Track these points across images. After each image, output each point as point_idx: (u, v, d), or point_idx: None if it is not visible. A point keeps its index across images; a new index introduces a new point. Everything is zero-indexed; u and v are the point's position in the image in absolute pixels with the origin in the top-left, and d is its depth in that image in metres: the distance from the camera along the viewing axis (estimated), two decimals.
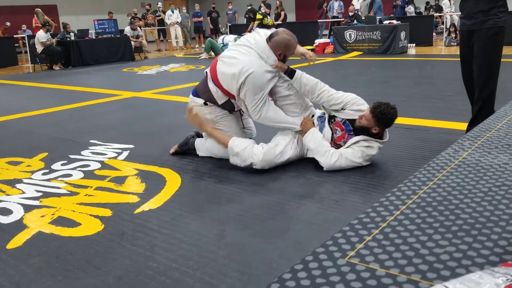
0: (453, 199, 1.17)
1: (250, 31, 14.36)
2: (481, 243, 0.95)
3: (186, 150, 3.31)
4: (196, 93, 3.06)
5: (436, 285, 0.69)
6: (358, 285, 0.80)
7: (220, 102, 2.96)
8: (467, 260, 0.89)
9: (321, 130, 2.97)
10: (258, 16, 12.29)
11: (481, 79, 3.11)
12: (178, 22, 15.35)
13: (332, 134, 2.95)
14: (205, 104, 2.98)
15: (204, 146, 3.21)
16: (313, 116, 3.07)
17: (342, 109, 2.93)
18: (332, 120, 2.98)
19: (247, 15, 13.71)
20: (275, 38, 2.87)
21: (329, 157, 2.80)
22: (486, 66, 3.08)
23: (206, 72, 3.04)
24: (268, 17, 12.55)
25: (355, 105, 2.91)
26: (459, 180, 1.29)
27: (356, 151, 2.81)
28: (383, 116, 2.71)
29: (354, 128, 2.86)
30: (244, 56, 2.85)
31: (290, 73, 2.92)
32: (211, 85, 2.94)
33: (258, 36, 2.95)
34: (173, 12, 15.43)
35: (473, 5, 3.07)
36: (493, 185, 1.26)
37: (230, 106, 3.02)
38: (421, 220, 1.05)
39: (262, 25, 11.90)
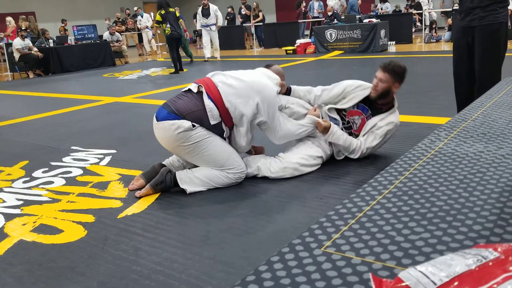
0: (428, 187, 1.19)
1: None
2: (456, 228, 0.97)
3: (162, 190, 2.66)
4: (175, 115, 2.59)
5: (408, 268, 0.70)
6: (334, 273, 0.81)
7: (212, 123, 2.61)
8: (442, 246, 0.90)
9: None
10: (158, 18, 9.36)
11: (484, 76, 3.05)
12: (148, 26, 15.15)
13: (351, 126, 2.94)
14: (193, 126, 2.57)
15: (196, 177, 2.64)
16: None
17: (343, 98, 2.92)
18: (344, 112, 2.94)
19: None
20: (273, 67, 2.96)
21: (356, 153, 2.87)
22: (488, 63, 3.03)
23: (190, 89, 2.70)
24: (167, 25, 9.26)
25: (354, 87, 2.92)
26: (435, 169, 1.31)
27: (375, 135, 2.86)
28: (397, 68, 2.76)
29: (371, 104, 2.85)
30: (253, 74, 2.76)
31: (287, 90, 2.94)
32: (207, 102, 2.61)
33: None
34: (142, 16, 15.30)
35: (470, 0, 3.01)
36: (468, 172, 1.28)
37: (219, 132, 2.68)
38: (397, 208, 1.07)
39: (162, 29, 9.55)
